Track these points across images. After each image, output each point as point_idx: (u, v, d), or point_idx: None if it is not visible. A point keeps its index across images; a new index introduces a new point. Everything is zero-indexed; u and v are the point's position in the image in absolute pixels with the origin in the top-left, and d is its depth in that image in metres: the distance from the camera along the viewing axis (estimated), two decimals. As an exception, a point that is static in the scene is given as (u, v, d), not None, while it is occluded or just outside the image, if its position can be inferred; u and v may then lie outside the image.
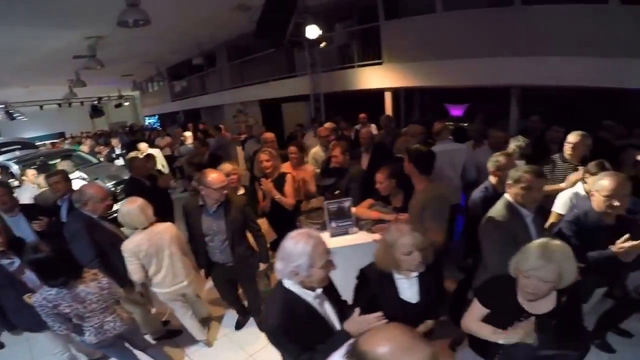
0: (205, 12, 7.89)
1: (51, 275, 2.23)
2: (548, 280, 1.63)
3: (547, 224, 3.05)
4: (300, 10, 5.28)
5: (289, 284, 1.67)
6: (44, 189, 4.55)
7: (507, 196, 2.31)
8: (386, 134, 5.91)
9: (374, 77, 8.48)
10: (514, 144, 3.53)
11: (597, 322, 3.01)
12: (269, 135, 4.56)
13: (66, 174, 3.95)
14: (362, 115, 7.19)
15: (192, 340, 3.47)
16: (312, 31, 5.47)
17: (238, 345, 3.41)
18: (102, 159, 8.94)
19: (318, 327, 1.71)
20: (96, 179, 5.99)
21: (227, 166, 3.42)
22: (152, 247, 2.86)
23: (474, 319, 1.91)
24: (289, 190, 3.80)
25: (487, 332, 1.83)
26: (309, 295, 1.68)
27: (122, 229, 3.16)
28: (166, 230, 2.97)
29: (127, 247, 2.83)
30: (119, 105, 20.80)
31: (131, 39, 8.82)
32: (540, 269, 1.63)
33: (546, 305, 1.75)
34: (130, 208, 2.81)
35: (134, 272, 2.87)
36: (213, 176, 2.85)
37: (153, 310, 3.78)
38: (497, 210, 2.29)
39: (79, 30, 7.95)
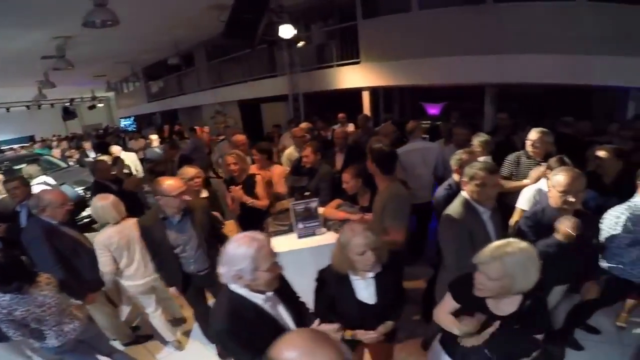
0: (180, 12, 7.83)
1: (4, 281, 2.23)
2: (493, 278, 1.65)
3: (512, 221, 3.16)
4: (275, 10, 5.31)
5: (235, 287, 1.66)
6: (4, 195, 4.48)
7: (464, 193, 2.38)
8: (363, 134, 5.98)
9: (351, 77, 8.58)
10: (476, 141, 3.61)
11: (565, 320, 3.06)
12: (240, 137, 4.59)
13: (25, 180, 3.92)
14: (340, 115, 7.26)
15: (163, 345, 3.47)
16: (287, 31, 5.50)
17: (209, 350, 3.38)
18: (71, 163, 8.78)
19: (270, 330, 1.67)
20: (62, 184, 5.89)
21: (189, 170, 3.41)
22: (123, 239, 3.03)
23: (445, 311, 1.95)
24: (261, 191, 3.84)
25: (448, 322, 1.89)
26: (258, 298, 1.67)
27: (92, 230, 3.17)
28: (136, 225, 3.04)
29: (98, 239, 3.02)
30: (92, 107, 20.40)
31: (102, 39, 8.66)
32: (486, 265, 1.66)
33: (509, 307, 1.77)
34: (103, 204, 3.03)
35: (105, 264, 3.01)
36: (169, 183, 2.74)
37: (125, 314, 3.79)
38: (453, 207, 2.35)
39: (46, 30, 7.77)
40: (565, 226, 2.28)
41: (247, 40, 4.39)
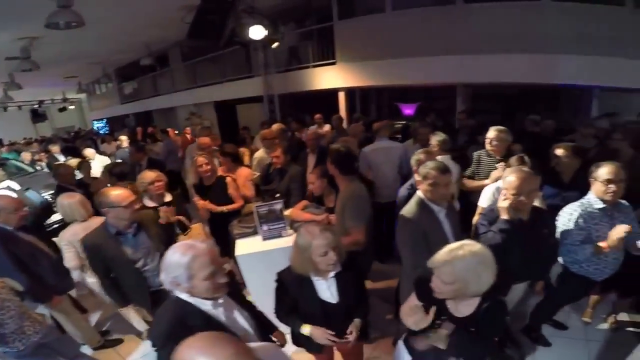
0: (150, 13, 7.76)
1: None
2: (446, 282, 1.69)
3: (475, 219, 3.27)
4: (247, 11, 5.34)
5: (180, 293, 1.65)
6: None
7: (419, 193, 2.46)
8: (337, 135, 6.08)
9: (327, 77, 8.67)
10: (433, 140, 3.71)
11: (530, 317, 3.16)
12: (204, 140, 4.62)
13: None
14: (317, 116, 7.34)
15: (133, 349, 3.47)
16: (257, 32, 5.53)
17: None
18: (39, 167, 8.59)
19: None
20: (27, 189, 5.77)
21: (149, 174, 3.40)
22: None
23: (409, 308, 1.97)
24: (234, 192, 3.93)
25: (406, 317, 1.93)
26: (206, 305, 1.66)
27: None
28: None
29: (63, 235, 3.15)
30: (63, 109, 19.95)
31: (70, 40, 8.50)
32: (439, 269, 1.70)
33: (467, 309, 1.80)
34: (70, 201, 3.18)
35: (70, 260, 3.10)
36: (116, 193, 2.62)
37: (95, 319, 3.80)
38: (409, 207, 2.42)
39: (9, 31, 7.60)
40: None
41: (213, 42, 4.41)
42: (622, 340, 3.13)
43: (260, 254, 3.03)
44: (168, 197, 3.54)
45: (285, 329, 2.20)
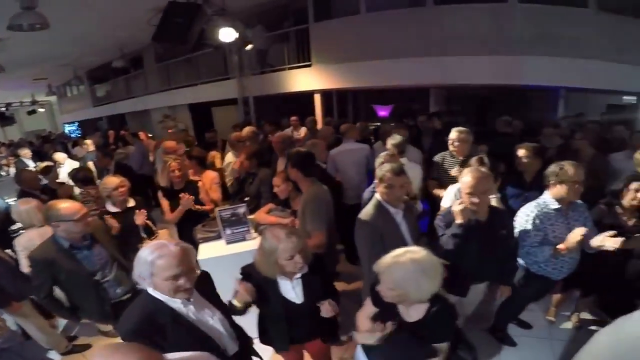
0: (118, 15, 7.67)
1: None
2: (388, 287, 1.73)
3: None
4: (218, 13, 5.34)
5: (151, 290, 1.72)
6: None
7: (377, 195, 2.51)
8: (310, 137, 6.12)
9: (303, 80, 8.72)
10: (389, 143, 3.77)
11: (495, 317, 3.25)
12: (169, 144, 4.62)
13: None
14: (293, 119, 7.37)
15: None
16: (228, 34, 5.53)
17: None
18: (3, 173, 8.38)
19: (188, 335, 1.73)
20: (-9, 195, 5.63)
21: (112, 180, 3.38)
22: None
23: (364, 315, 2.02)
24: (205, 196, 3.97)
25: (360, 326, 1.98)
26: (175, 302, 1.72)
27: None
28: None
29: (19, 241, 3.16)
30: (32, 112, 19.39)
31: (37, 41, 8.29)
32: (381, 274, 1.74)
33: (416, 313, 1.84)
34: (27, 207, 3.19)
35: (26, 265, 2.98)
36: (65, 206, 2.53)
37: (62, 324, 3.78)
38: (366, 210, 2.49)
39: (-30, 33, 7.42)
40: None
41: (180, 45, 4.40)
42: (585, 339, 3.11)
43: (223, 257, 3.05)
44: (131, 203, 3.53)
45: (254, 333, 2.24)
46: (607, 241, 2.44)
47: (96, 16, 7.56)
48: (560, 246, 2.57)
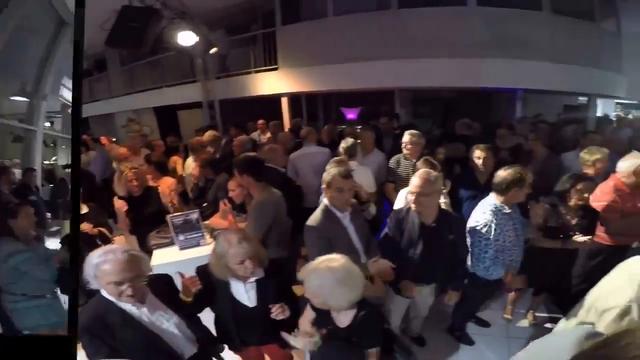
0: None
1: None
2: (313, 294, 1.78)
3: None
4: (179, 16, 5.29)
5: (103, 291, 1.79)
6: None
7: (325, 200, 2.57)
8: (274, 141, 6.12)
9: (269, 83, 8.71)
10: (340, 147, 3.85)
11: (452, 317, 3.33)
12: (121, 150, 4.56)
13: None
14: (259, 122, 7.36)
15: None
16: (187, 38, 5.49)
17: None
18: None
19: (140, 336, 1.80)
20: None
21: None
22: None
23: (306, 320, 2.06)
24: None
25: (301, 330, 2.01)
26: (126, 305, 1.80)
27: None
28: None
29: None
30: (-11, 117, 18.64)
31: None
32: (304, 281, 1.79)
33: (346, 319, 1.89)
34: None
35: None
36: None
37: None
38: (314, 215, 2.53)
39: None
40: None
41: (135, 49, 4.33)
42: (541, 336, 3.35)
43: (176, 263, 3.05)
44: (84, 209, 3.48)
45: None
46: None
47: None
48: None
